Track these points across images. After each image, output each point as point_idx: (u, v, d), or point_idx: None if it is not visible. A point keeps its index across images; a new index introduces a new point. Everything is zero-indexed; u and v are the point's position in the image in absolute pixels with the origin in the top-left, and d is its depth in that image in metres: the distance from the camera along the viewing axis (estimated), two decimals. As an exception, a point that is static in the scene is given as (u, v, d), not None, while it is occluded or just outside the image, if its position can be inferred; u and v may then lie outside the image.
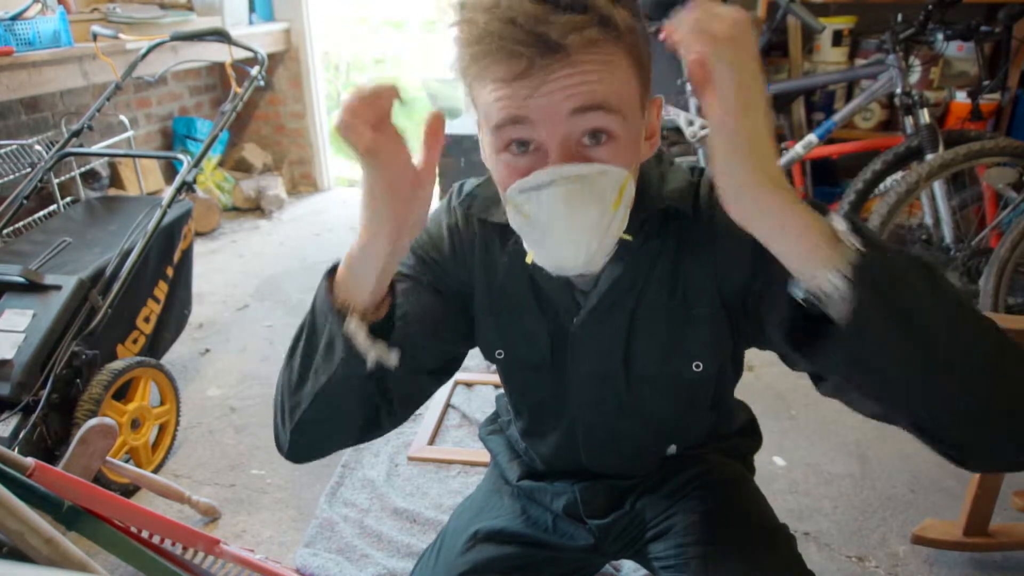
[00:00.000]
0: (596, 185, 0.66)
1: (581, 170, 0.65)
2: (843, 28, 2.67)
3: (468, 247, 0.85)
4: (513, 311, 0.85)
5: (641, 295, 0.80)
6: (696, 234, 0.77)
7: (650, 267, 0.79)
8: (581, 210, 0.65)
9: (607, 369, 0.84)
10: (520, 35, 0.60)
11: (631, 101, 0.67)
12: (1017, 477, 1.65)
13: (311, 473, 1.78)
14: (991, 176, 2.09)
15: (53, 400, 1.55)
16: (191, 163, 1.97)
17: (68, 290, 1.65)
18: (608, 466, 0.94)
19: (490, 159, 0.72)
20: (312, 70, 3.90)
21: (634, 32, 0.65)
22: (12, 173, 2.54)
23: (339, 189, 4.26)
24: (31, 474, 1.01)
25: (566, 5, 0.61)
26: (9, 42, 2.34)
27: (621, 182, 0.67)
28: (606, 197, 0.66)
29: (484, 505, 1.01)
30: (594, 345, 0.83)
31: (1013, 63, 2.43)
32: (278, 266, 3.11)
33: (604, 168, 0.66)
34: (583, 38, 0.61)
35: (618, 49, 0.64)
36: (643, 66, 0.68)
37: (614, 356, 0.83)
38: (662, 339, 0.81)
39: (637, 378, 0.84)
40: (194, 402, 2.09)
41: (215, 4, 3.23)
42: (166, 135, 3.66)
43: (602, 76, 0.63)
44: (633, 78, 0.67)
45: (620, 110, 0.65)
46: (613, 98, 0.64)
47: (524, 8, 0.60)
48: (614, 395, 0.86)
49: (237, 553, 1.25)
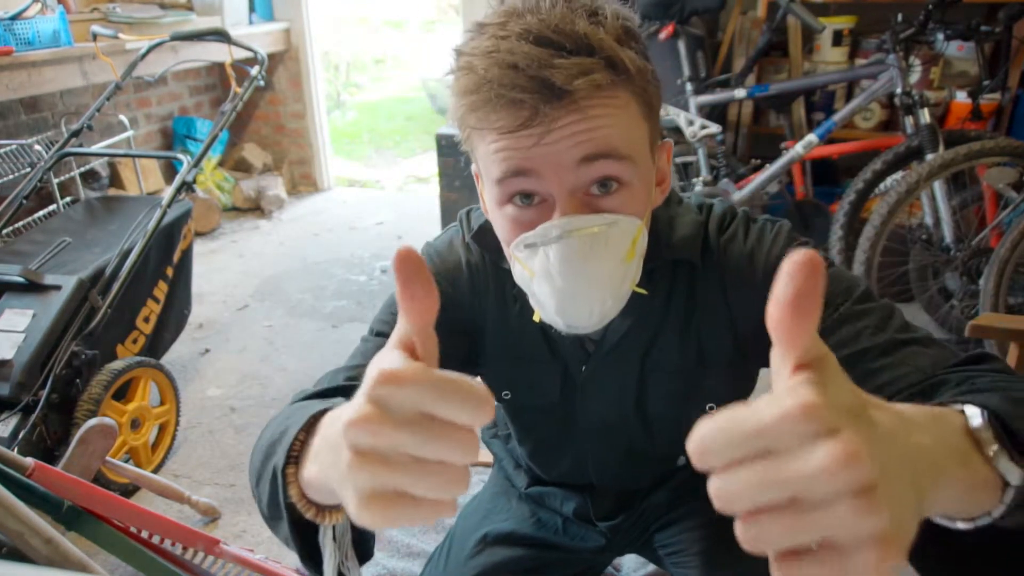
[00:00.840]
0: (608, 237, 0.61)
1: (591, 221, 0.60)
2: (843, 28, 2.67)
3: (483, 286, 0.79)
4: (523, 358, 0.81)
5: (652, 344, 0.77)
6: (708, 282, 0.74)
7: (661, 317, 0.76)
8: (593, 265, 0.61)
9: (618, 414, 0.82)
10: (522, 81, 0.56)
11: (641, 146, 0.63)
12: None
13: (311, 473, 1.78)
14: (991, 176, 2.09)
15: (53, 400, 1.55)
16: (191, 163, 1.97)
17: (68, 290, 1.65)
18: (618, 482, 0.94)
19: (492, 212, 0.67)
20: (312, 70, 3.90)
21: (643, 74, 0.61)
22: (12, 173, 2.54)
23: (339, 189, 4.26)
24: (31, 474, 1.01)
25: (572, 48, 0.56)
26: (9, 42, 2.34)
27: (634, 233, 0.63)
28: (619, 250, 0.62)
29: (492, 507, 1.01)
30: (604, 392, 0.80)
31: (1013, 63, 2.43)
32: (278, 266, 3.10)
33: (615, 219, 0.61)
34: (590, 82, 0.56)
35: (626, 92, 0.60)
36: (652, 109, 0.65)
37: (625, 402, 0.81)
38: (675, 387, 0.79)
39: (650, 420, 0.82)
40: (194, 402, 2.09)
41: (215, 4, 3.23)
42: (166, 135, 3.66)
43: (611, 122, 0.59)
44: (642, 122, 0.63)
45: (630, 156, 0.61)
46: (622, 145, 0.60)
47: (525, 51, 0.56)
48: (625, 436, 0.85)
49: (237, 553, 1.25)
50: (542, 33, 0.57)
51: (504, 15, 0.60)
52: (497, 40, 0.58)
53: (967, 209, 2.28)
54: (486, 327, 0.80)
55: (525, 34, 0.57)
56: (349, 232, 3.52)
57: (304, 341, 2.44)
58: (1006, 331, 1.23)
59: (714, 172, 2.57)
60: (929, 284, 2.31)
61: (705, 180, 2.55)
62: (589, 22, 0.58)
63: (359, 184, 4.48)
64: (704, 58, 2.66)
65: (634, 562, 1.44)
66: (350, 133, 6.06)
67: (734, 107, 2.90)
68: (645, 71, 0.62)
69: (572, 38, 0.57)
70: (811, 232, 2.58)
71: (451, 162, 2.96)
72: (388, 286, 2.86)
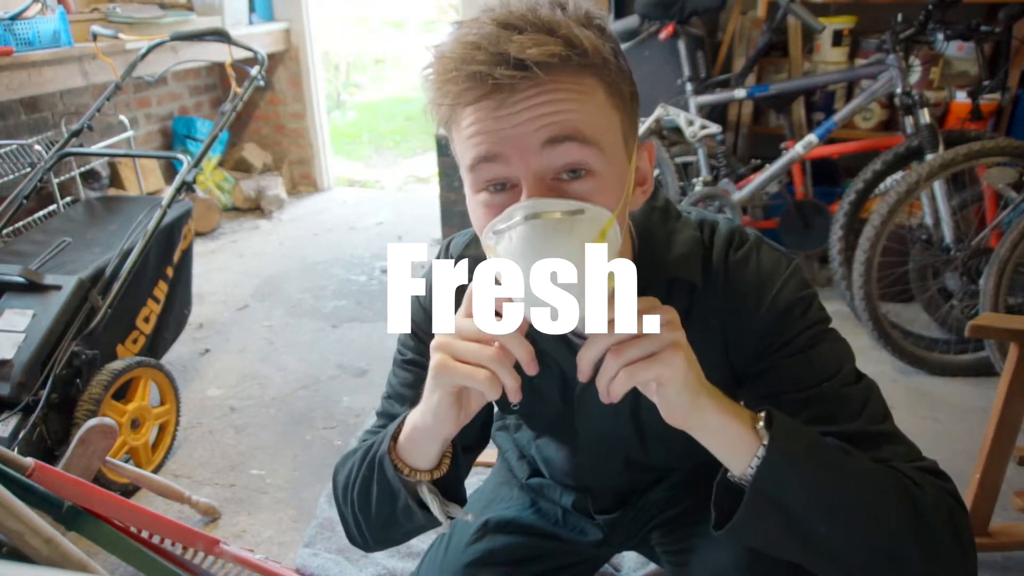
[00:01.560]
0: (572, 225, 0.59)
1: (555, 205, 0.59)
2: (843, 28, 2.67)
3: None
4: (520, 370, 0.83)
5: None
6: (706, 302, 0.73)
7: None
8: (554, 251, 0.58)
9: (616, 430, 0.83)
10: (481, 56, 0.58)
11: (611, 136, 0.63)
12: (1017, 477, 1.65)
13: (311, 473, 1.78)
14: (991, 176, 2.09)
15: (53, 400, 1.55)
16: (191, 163, 1.97)
17: (68, 290, 1.65)
18: (617, 485, 0.95)
19: (469, 204, 0.68)
20: (312, 70, 3.90)
21: (608, 64, 0.62)
22: (12, 173, 2.54)
23: (339, 189, 4.26)
24: (31, 474, 1.01)
25: (531, 29, 0.59)
26: (9, 42, 2.34)
27: (602, 225, 0.61)
28: (584, 237, 0.59)
29: (494, 496, 1.02)
30: (600, 409, 0.78)
31: (1013, 63, 2.43)
32: (278, 266, 3.11)
33: (582, 206, 0.60)
34: (543, 52, 0.57)
35: (589, 76, 0.61)
36: (625, 101, 0.64)
37: (621, 418, 0.81)
38: None
39: (645, 432, 0.83)
40: (194, 402, 2.09)
41: (215, 4, 3.23)
42: (166, 135, 3.66)
43: (575, 106, 0.60)
44: (612, 112, 0.63)
45: (596, 142, 0.61)
46: (588, 129, 0.60)
47: (487, 32, 0.59)
48: (622, 450, 0.86)
49: (237, 553, 1.25)
50: (505, 19, 0.60)
51: (478, 12, 0.63)
52: (466, 29, 0.61)
53: (967, 209, 2.28)
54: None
55: (490, 21, 0.60)
56: (349, 232, 3.52)
57: (304, 341, 2.44)
58: (1006, 331, 1.23)
59: (714, 172, 2.57)
60: (929, 284, 2.31)
61: (705, 180, 2.55)
62: (551, 10, 0.61)
63: (359, 184, 4.48)
64: (704, 58, 2.66)
65: (634, 562, 1.44)
66: (350, 133, 6.06)
67: (734, 107, 2.90)
68: (610, 62, 0.62)
69: (533, 21, 0.59)
70: (811, 232, 2.58)
71: (451, 162, 2.96)
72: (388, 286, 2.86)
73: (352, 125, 6.36)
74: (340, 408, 2.06)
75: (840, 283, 2.32)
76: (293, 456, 1.85)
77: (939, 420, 1.95)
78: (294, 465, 1.81)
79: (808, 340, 0.71)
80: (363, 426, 1.94)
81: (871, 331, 2.16)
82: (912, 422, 1.94)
